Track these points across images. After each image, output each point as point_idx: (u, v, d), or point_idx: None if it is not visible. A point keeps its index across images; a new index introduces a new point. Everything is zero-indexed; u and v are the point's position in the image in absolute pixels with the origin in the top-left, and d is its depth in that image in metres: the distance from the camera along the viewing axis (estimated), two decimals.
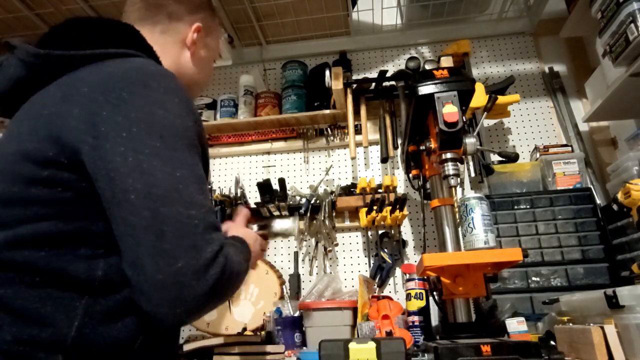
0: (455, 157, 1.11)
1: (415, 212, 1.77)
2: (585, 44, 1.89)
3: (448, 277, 1.07)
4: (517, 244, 1.43)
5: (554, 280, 1.37)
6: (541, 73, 1.91)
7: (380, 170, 1.87)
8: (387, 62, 2.05)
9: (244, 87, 1.97)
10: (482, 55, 1.98)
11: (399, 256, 1.67)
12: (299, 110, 1.88)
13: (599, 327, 0.88)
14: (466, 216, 1.06)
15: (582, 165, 1.61)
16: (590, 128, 1.80)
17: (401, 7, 1.98)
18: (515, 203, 1.49)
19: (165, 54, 0.78)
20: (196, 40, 0.84)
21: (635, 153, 1.45)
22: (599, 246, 1.39)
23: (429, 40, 2.04)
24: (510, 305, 1.21)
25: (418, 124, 1.25)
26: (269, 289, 1.61)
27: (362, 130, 1.75)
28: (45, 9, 1.80)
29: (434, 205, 1.24)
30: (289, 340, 1.36)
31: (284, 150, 1.95)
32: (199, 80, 0.88)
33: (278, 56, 2.11)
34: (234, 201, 1.76)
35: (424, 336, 1.27)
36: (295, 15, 1.91)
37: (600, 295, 0.92)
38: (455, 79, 1.10)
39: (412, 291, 1.34)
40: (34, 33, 1.94)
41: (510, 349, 0.86)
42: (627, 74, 1.32)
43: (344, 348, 0.91)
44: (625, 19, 1.26)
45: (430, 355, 0.89)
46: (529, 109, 1.86)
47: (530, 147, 1.79)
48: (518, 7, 1.95)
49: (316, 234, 1.72)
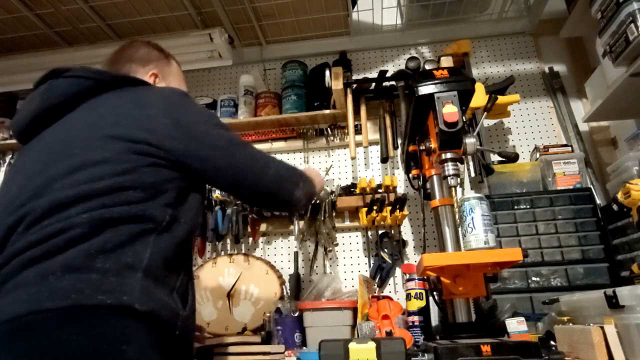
0: (455, 157, 1.11)
1: (415, 212, 1.77)
2: (585, 44, 1.89)
3: (448, 277, 1.07)
4: (517, 244, 1.43)
5: (554, 280, 1.37)
6: (541, 73, 1.91)
7: (380, 170, 1.87)
8: (387, 62, 2.05)
9: (244, 87, 1.97)
10: (482, 55, 1.98)
11: (399, 256, 1.67)
12: (299, 110, 1.88)
13: (599, 327, 0.88)
14: (466, 216, 1.06)
15: (582, 165, 1.61)
16: (590, 128, 1.79)
17: (401, 7, 1.98)
18: (515, 203, 1.49)
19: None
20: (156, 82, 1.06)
21: (635, 153, 1.45)
22: (599, 246, 1.38)
23: (429, 40, 2.04)
24: (510, 305, 1.21)
25: (418, 124, 1.25)
26: (269, 289, 1.61)
27: (362, 130, 1.74)
28: (45, 9, 1.80)
29: (434, 205, 1.24)
30: (289, 340, 1.36)
31: (284, 150, 1.95)
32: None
33: (278, 56, 2.11)
34: (234, 201, 1.75)
35: (424, 336, 1.27)
36: (295, 15, 1.91)
37: (600, 295, 0.92)
38: (455, 79, 1.10)
39: (412, 291, 1.34)
40: (33, 33, 1.95)
41: (510, 349, 0.86)
42: (627, 74, 1.32)
43: (344, 348, 0.91)
44: (625, 19, 1.26)
45: (430, 355, 0.89)
46: (529, 109, 1.86)
47: (530, 147, 1.79)
48: (518, 7, 1.95)
49: (316, 234, 1.72)
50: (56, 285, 0.63)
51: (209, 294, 1.61)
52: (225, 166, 0.86)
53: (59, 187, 0.73)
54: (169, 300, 0.73)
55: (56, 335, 0.61)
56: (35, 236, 0.68)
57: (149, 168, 0.78)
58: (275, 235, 1.85)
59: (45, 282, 0.64)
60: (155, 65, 1.07)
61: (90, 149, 0.77)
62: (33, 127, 0.87)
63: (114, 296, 0.65)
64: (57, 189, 0.73)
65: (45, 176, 0.75)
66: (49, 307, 0.61)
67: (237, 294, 1.61)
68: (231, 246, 1.85)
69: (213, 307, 1.59)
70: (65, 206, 0.71)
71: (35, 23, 1.87)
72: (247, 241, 1.86)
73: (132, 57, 1.05)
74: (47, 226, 0.69)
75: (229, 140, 0.88)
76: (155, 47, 1.11)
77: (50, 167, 0.76)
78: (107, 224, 0.70)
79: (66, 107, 0.86)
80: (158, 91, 0.91)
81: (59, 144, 0.81)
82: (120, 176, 0.75)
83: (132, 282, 0.67)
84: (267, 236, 1.85)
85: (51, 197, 0.72)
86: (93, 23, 1.89)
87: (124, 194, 0.74)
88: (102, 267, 0.66)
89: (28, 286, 0.64)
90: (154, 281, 0.71)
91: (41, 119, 0.87)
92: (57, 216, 0.70)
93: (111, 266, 0.67)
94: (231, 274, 1.65)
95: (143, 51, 1.07)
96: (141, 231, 0.73)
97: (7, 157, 2.10)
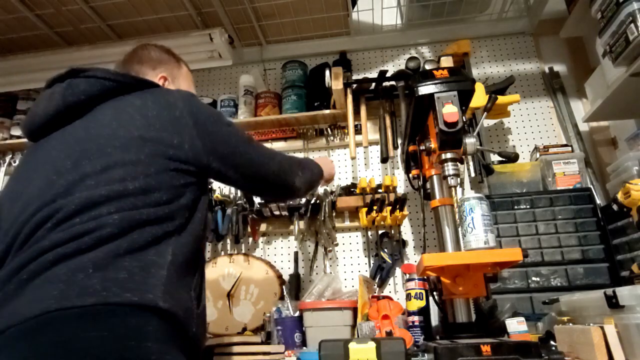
0: (455, 157, 1.11)
1: (415, 212, 1.77)
2: (585, 44, 1.89)
3: (448, 277, 1.07)
4: (517, 244, 1.43)
5: (554, 280, 1.37)
6: (541, 73, 1.91)
7: (380, 170, 1.87)
8: (387, 62, 2.05)
9: (244, 87, 1.97)
10: (482, 55, 1.98)
11: (399, 256, 1.67)
12: (299, 110, 1.88)
13: (599, 327, 0.88)
14: (466, 216, 1.06)
15: (582, 165, 1.61)
16: (590, 128, 1.80)
17: (401, 7, 1.98)
18: (515, 203, 1.49)
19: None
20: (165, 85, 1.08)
21: (635, 153, 1.45)
22: (599, 246, 1.38)
23: (429, 40, 2.04)
24: (510, 305, 1.21)
25: (418, 124, 1.25)
26: (269, 289, 1.61)
27: (362, 130, 1.75)
28: (45, 9, 1.80)
29: (434, 205, 1.24)
30: (289, 340, 1.36)
31: (284, 150, 1.93)
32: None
33: (278, 56, 2.11)
34: (234, 201, 1.76)
35: (424, 336, 1.27)
36: (295, 15, 1.91)
37: (600, 295, 0.92)
38: (455, 79, 1.10)
39: (412, 291, 1.34)
40: (33, 34, 1.95)
41: (510, 349, 0.86)
42: (627, 74, 1.32)
43: (344, 348, 0.91)
44: (625, 19, 1.26)
45: (430, 355, 0.89)
46: (529, 109, 1.86)
47: (530, 147, 1.79)
48: (518, 7, 1.95)
49: (316, 234, 1.72)
50: (85, 283, 0.65)
51: (209, 294, 1.61)
52: (239, 163, 0.93)
53: (92, 185, 0.75)
54: (186, 299, 0.75)
55: (81, 330, 0.62)
56: (66, 234, 0.70)
57: (174, 172, 0.81)
58: (275, 235, 1.85)
59: (74, 279, 0.65)
60: (165, 68, 1.10)
61: (125, 149, 0.79)
62: (50, 124, 0.88)
63: (139, 294, 0.67)
64: (90, 186, 0.75)
65: (77, 173, 0.77)
66: (77, 304, 0.63)
67: (237, 294, 1.61)
68: (231, 246, 1.85)
69: (213, 307, 1.59)
70: (98, 204, 0.73)
71: (36, 23, 1.88)
72: (247, 241, 1.86)
73: (143, 59, 1.08)
74: (78, 224, 0.71)
75: (241, 137, 0.95)
76: (166, 51, 1.14)
77: (83, 164, 0.78)
78: (135, 225, 0.73)
79: (86, 107, 0.87)
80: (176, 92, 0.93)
81: (90, 142, 0.81)
82: (151, 178, 0.78)
83: (156, 281, 0.70)
84: (267, 236, 1.85)
85: (84, 194, 0.74)
86: (93, 23, 1.89)
87: (153, 196, 0.77)
88: (128, 265, 0.69)
89: (57, 283, 0.65)
90: (175, 280, 0.73)
91: (60, 116, 0.87)
92: (88, 214, 0.72)
93: (137, 265, 0.70)
94: (231, 274, 1.65)
95: (154, 54, 1.11)
96: (164, 232, 0.76)
97: (7, 157, 2.10)
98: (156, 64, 1.09)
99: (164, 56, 1.12)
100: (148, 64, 1.08)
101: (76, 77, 0.88)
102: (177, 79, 1.12)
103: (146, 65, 1.07)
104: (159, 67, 1.09)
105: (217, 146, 0.88)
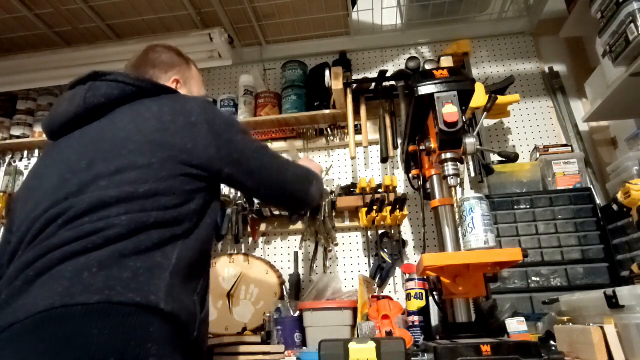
0: (455, 157, 1.11)
1: (415, 212, 1.77)
2: (585, 44, 1.89)
3: (448, 277, 1.07)
4: (517, 244, 1.43)
5: (554, 280, 1.37)
6: (541, 73, 1.91)
7: (380, 170, 1.87)
8: (387, 62, 2.05)
9: (244, 87, 1.97)
10: (482, 55, 1.98)
11: (399, 256, 1.67)
12: (299, 110, 1.88)
13: (599, 327, 0.88)
14: (466, 216, 1.06)
15: (582, 165, 1.61)
16: (590, 128, 1.80)
17: (401, 7, 1.98)
18: (515, 203, 1.49)
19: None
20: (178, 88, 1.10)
21: (635, 153, 1.45)
22: (599, 246, 1.39)
23: (429, 40, 2.04)
24: (510, 305, 1.21)
25: (418, 124, 1.25)
26: (269, 289, 1.61)
27: (362, 130, 1.74)
28: (45, 9, 1.80)
29: (434, 205, 1.24)
30: (289, 340, 1.36)
31: (284, 150, 1.94)
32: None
33: (278, 56, 2.11)
34: (234, 201, 1.76)
35: (424, 336, 1.27)
36: (295, 15, 1.91)
37: (600, 295, 0.92)
38: (455, 79, 1.10)
39: (412, 291, 1.34)
40: (33, 33, 1.95)
41: (510, 349, 0.86)
42: (627, 74, 1.32)
43: (344, 348, 0.91)
44: (625, 19, 1.26)
45: (430, 355, 0.89)
46: (529, 109, 1.86)
47: (530, 147, 1.79)
48: (518, 7, 1.95)
49: (316, 234, 1.72)
50: (90, 281, 0.66)
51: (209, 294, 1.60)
52: (253, 170, 0.93)
53: (104, 186, 0.76)
54: (190, 303, 0.76)
55: (84, 328, 0.63)
56: (75, 232, 0.71)
57: (185, 177, 0.82)
58: (275, 235, 1.85)
59: (79, 277, 0.66)
60: (177, 71, 1.12)
61: (139, 152, 0.81)
62: (70, 124, 0.90)
63: (142, 295, 0.67)
64: (102, 187, 0.76)
65: (91, 173, 0.78)
66: (81, 301, 0.64)
67: (237, 294, 1.61)
68: (231, 246, 1.85)
69: (213, 307, 1.59)
70: (108, 205, 0.74)
71: (35, 23, 1.87)
72: (247, 241, 1.86)
73: (155, 63, 1.09)
74: (88, 223, 0.72)
75: (256, 146, 0.96)
76: (177, 53, 1.15)
77: (97, 165, 0.79)
78: (143, 227, 0.74)
79: (106, 109, 0.89)
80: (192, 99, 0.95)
81: (107, 143, 0.83)
82: (161, 182, 0.79)
83: (160, 283, 0.70)
84: (267, 236, 1.85)
85: (96, 194, 0.75)
86: (93, 23, 1.89)
87: (162, 199, 0.77)
88: (134, 266, 0.70)
89: (63, 280, 0.66)
90: (179, 283, 0.74)
91: (80, 117, 0.89)
92: (98, 214, 0.73)
93: (142, 266, 0.70)
94: (231, 274, 1.65)
95: (165, 57, 1.12)
96: (171, 236, 0.76)
97: (7, 157, 2.10)
98: (168, 67, 1.10)
99: (175, 59, 1.13)
100: (160, 67, 1.09)
101: (98, 80, 0.90)
102: (188, 81, 1.14)
103: (159, 69, 1.09)
104: (171, 70, 1.10)
105: (231, 153, 0.89)
